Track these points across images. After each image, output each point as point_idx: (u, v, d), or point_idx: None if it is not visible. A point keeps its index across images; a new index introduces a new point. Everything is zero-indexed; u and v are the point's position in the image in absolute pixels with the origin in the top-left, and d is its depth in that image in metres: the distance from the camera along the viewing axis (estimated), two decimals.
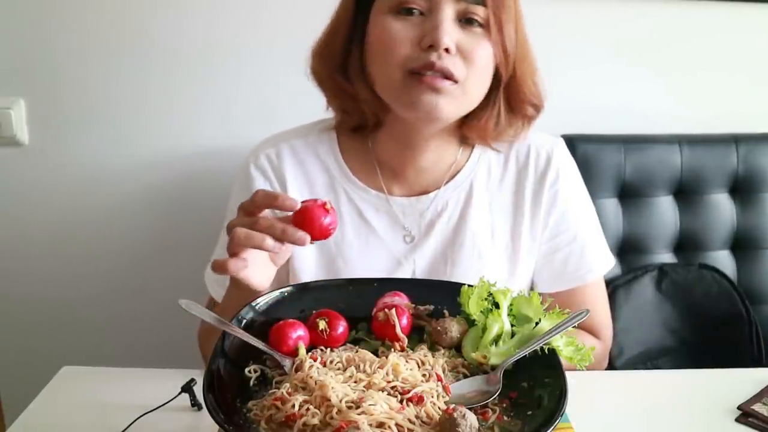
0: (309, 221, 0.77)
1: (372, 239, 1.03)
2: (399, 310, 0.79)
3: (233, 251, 0.77)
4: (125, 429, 0.86)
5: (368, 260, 1.02)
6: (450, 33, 0.87)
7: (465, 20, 0.89)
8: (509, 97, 0.97)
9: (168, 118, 1.51)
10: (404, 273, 1.03)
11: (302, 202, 0.79)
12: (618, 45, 1.53)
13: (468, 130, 1.00)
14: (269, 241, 0.76)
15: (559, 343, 0.74)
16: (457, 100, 0.91)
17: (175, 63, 1.48)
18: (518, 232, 1.04)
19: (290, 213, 0.78)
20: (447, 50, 0.87)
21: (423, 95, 0.89)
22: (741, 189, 1.51)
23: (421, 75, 0.88)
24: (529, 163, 1.05)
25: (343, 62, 0.96)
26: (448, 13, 0.88)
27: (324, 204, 0.78)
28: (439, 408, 0.66)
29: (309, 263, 1.03)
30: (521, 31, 0.95)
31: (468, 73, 0.90)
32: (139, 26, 1.46)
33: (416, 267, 1.03)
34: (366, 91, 0.96)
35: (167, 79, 1.49)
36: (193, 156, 1.52)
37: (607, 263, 1.10)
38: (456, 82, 0.89)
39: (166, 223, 1.56)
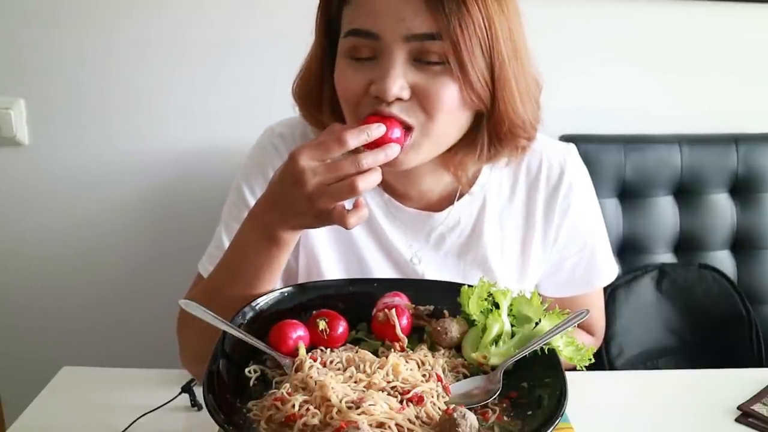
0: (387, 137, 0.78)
1: (383, 243, 1.00)
2: (399, 311, 0.79)
3: (340, 199, 0.74)
4: (125, 429, 0.86)
5: (384, 273, 1.00)
6: (399, 80, 0.78)
7: (421, 60, 0.79)
8: (494, 129, 0.86)
9: (168, 118, 1.52)
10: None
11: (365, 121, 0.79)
12: (618, 45, 1.53)
13: (444, 162, 0.91)
14: (379, 176, 0.75)
15: (559, 343, 0.74)
16: (420, 146, 0.83)
17: (175, 63, 1.48)
18: (529, 244, 1.01)
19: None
20: (400, 99, 0.79)
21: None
22: (741, 189, 1.51)
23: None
24: (540, 175, 1.00)
25: (320, 101, 0.92)
26: (397, 57, 0.78)
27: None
28: (439, 408, 0.66)
29: (328, 255, 1.01)
30: (503, 53, 0.80)
31: (428, 117, 0.81)
32: (139, 27, 1.46)
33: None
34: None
35: (167, 79, 1.49)
36: (194, 156, 1.53)
37: (614, 270, 1.08)
38: (411, 128, 0.81)
39: (167, 223, 1.56)
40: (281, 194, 0.78)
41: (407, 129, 0.81)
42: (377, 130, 0.76)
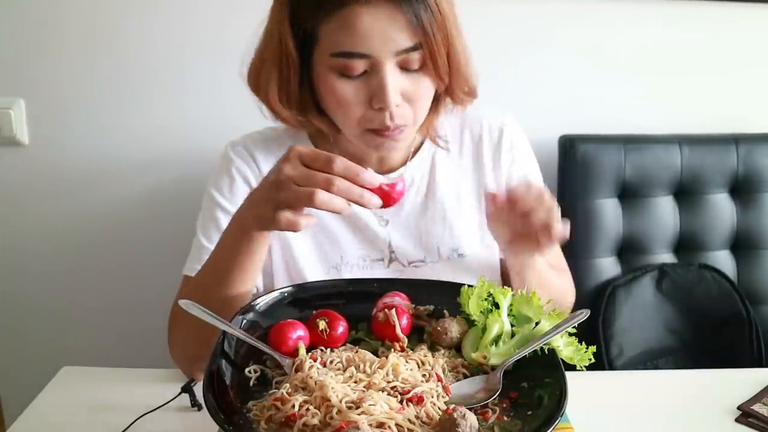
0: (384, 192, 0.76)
1: (350, 218, 1.06)
2: (399, 311, 0.79)
3: (298, 206, 0.75)
4: (125, 429, 0.86)
5: (350, 241, 1.06)
6: (395, 91, 0.89)
7: (404, 68, 0.90)
8: (451, 97, 1.00)
9: (168, 118, 1.51)
10: (381, 251, 1.06)
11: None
12: (618, 45, 1.53)
13: None
14: (345, 205, 0.74)
15: (559, 343, 0.74)
16: (410, 134, 0.97)
17: (176, 63, 1.48)
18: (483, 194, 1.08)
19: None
20: (396, 105, 0.90)
21: (384, 143, 0.94)
22: (741, 189, 1.51)
23: (379, 130, 0.92)
24: (483, 135, 1.10)
25: (301, 103, 0.97)
26: (390, 71, 0.88)
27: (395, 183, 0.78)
28: (439, 408, 0.66)
29: (300, 241, 1.06)
30: (453, 46, 0.92)
31: (417, 113, 0.94)
32: (140, 27, 1.46)
33: (392, 243, 1.06)
34: (327, 123, 0.99)
35: (168, 80, 1.49)
36: (194, 157, 1.52)
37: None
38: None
39: (167, 223, 1.56)
40: (258, 186, 0.83)
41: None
42: (370, 178, 0.76)
